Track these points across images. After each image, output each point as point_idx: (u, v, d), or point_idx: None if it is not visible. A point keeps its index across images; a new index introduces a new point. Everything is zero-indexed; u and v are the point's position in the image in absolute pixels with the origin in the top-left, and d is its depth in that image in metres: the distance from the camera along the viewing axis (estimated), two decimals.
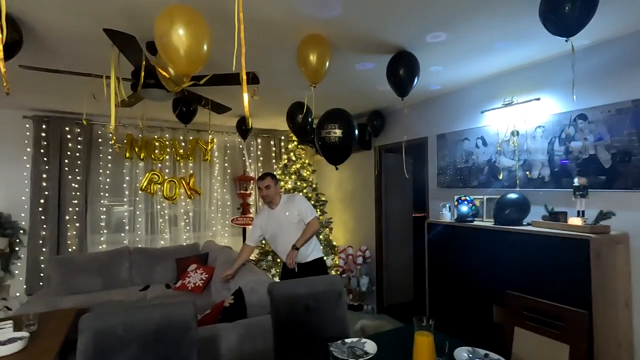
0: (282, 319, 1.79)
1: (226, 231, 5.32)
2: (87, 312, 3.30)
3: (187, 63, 1.36)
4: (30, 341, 2.27)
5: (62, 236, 4.23)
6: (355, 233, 5.10)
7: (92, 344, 1.29)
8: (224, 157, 5.31)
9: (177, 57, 1.34)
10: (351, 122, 2.79)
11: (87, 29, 2.03)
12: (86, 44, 2.24)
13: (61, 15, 1.88)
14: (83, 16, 1.88)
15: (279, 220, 2.96)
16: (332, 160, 2.77)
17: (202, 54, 1.39)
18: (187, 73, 1.40)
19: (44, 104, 3.93)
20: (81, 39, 2.17)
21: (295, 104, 3.28)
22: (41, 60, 2.46)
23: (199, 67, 1.42)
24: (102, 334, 1.33)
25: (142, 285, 4.11)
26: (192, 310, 1.50)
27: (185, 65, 1.37)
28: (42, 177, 4.18)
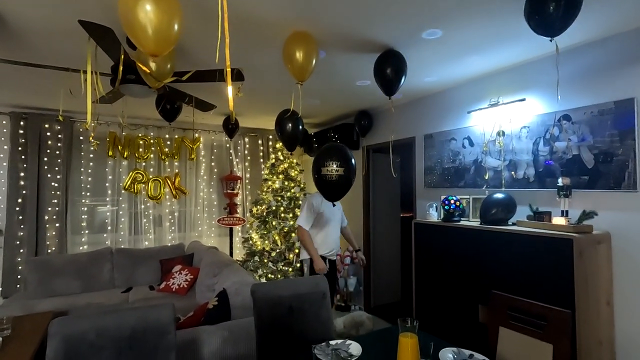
0: (265, 321, 1.75)
1: (212, 231, 5.24)
2: (64, 316, 3.21)
3: (155, 42, 1.29)
4: (3, 346, 2.18)
5: (41, 237, 4.10)
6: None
7: (63, 350, 1.23)
8: (210, 156, 5.22)
9: (145, 37, 1.26)
10: (350, 157, 2.71)
11: (63, 21, 1.95)
12: (62, 37, 2.16)
13: (35, 6, 1.80)
14: (58, 7, 1.80)
15: (333, 208, 3.22)
16: (331, 197, 2.70)
17: (172, 33, 1.31)
18: (155, 53, 1.32)
19: (22, 100, 3.80)
20: (57, 31, 2.08)
21: (284, 112, 3.08)
22: (15, 54, 2.36)
23: (169, 47, 1.35)
24: (73, 339, 1.26)
25: (125, 287, 4.01)
26: (170, 313, 1.44)
27: (154, 45, 1.29)
28: (19, 176, 4.03)
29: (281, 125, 2.71)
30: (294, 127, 2.71)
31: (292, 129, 2.66)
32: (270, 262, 4.42)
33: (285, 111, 2.69)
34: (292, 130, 2.65)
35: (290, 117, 2.56)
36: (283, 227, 4.56)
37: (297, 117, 2.63)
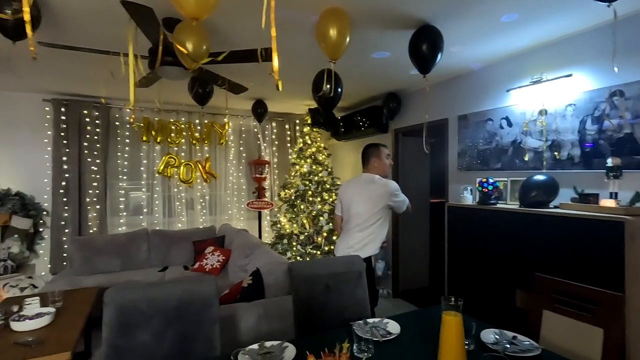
0: (302, 298, 1.77)
1: (242, 215, 5.35)
2: (117, 286, 3.39)
3: (196, 4, 1.29)
4: (56, 316, 2.33)
5: (83, 218, 4.33)
6: None
7: (117, 317, 1.30)
8: (239, 141, 5.30)
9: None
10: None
11: (104, 5, 1.99)
12: (103, 21, 2.21)
13: None
14: None
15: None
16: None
17: None
18: (196, 16, 1.32)
19: (62, 87, 3.96)
20: (98, 15, 2.13)
21: (321, 73, 2.81)
22: (58, 38, 2.44)
23: (209, 10, 1.34)
24: (126, 307, 1.33)
25: (160, 266, 4.18)
26: (214, 287, 1.48)
27: (195, 6, 1.29)
28: (62, 160, 4.25)
29: (318, 85, 2.59)
30: (333, 87, 2.57)
31: (330, 90, 2.55)
32: (299, 245, 4.48)
33: (322, 72, 2.60)
34: (330, 91, 2.54)
35: (329, 78, 2.47)
36: (311, 210, 4.59)
37: (336, 77, 2.52)
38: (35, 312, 2.32)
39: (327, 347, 1.31)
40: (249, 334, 2.22)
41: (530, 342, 1.43)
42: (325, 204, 4.64)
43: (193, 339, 1.40)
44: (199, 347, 1.41)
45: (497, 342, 1.44)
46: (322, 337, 1.59)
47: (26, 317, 2.23)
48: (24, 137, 4.14)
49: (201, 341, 1.42)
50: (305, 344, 1.43)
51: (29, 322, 2.17)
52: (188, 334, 1.40)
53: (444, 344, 1.26)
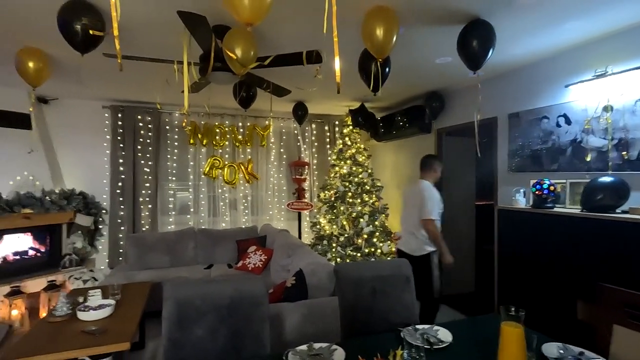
0: (349, 301, 1.76)
1: (282, 215, 5.44)
2: (175, 282, 3.56)
3: (250, 10, 1.33)
4: (116, 308, 2.50)
5: (137, 216, 4.62)
6: None
7: (176, 311, 1.36)
8: (279, 143, 5.39)
9: (241, 5, 1.31)
10: None
11: (160, 16, 2.11)
12: (158, 31, 2.35)
13: (136, 3, 1.97)
14: (153, 1, 1.95)
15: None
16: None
17: (266, 1, 1.35)
18: (250, 22, 1.36)
19: (119, 94, 4.26)
20: (154, 26, 2.27)
21: (365, 52, 2.68)
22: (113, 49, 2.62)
23: (263, 16, 1.38)
24: (183, 303, 1.39)
25: (206, 264, 4.35)
26: (263, 287, 1.51)
27: (250, 13, 1.34)
28: (119, 162, 4.56)
29: (365, 67, 2.51)
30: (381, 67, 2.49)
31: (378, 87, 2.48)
32: (339, 247, 4.47)
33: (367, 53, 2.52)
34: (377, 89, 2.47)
35: (376, 77, 2.40)
36: (351, 212, 4.56)
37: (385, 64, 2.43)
38: (98, 303, 2.51)
39: (375, 352, 1.29)
40: (293, 333, 2.24)
41: (600, 359, 1.31)
42: (365, 206, 4.60)
43: (244, 335, 1.44)
44: (249, 344, 1.44)
45: (561, 357, 1.34)
46: (369, 341, 1.57)
47: (90, 308, 2.42)
48: (86, 141, 4.49)
49: (251, 338, 1.45)
50: (353, 347, 1.41)
51: (93, 313, 2.35)
52: (239, 331, 1.43)
53: (504, 356, 1.19)
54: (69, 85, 3.80)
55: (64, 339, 2.10)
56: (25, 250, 3.89)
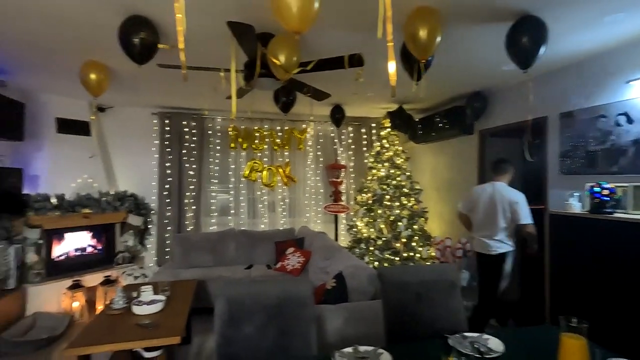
0: (393, 305, 1.74)
1: (319, 217, 5.48)
2: (225, 280, 3.67)
3: (299, 19, 1.38)
4: (166, 304, 2.64)
5: (183, 217, 4.85)
6: (453, 224, 4.77)
7: (227, 309, 1.42)
8: (316, 146, 5.45)
9: (289, 14, 1.37)
10: None
11: (208, 26, 2.22)
12: (206, 41, 2.46)
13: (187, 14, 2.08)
14: (203, 13, 2.05)
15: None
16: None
17: (313, 10, 1.39)
18: (299, 30, 1.41)
19: (166, 101, 4.52)
20: (202, 36, 2.39)
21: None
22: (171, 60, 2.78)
23: (310, 24, 1.42)
24: (234, 301, 1.45)
25: (246, 264, 4.47)
26: (309, 288, 1.54)
27: (298, 22, 1.38)
28: (166, 166, 4.83)
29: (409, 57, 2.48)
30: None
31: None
32: (377, 250, 4.42)
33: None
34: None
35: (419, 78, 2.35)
36: (389, 215, 4.51)
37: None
38: (150, 298, 2.66)
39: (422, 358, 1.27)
40: (335, 335, 2.25)
41: None
42: (403, 209, 4.52)
43: (291, 335, 1.47)
44: (296, 343, 1.47)
45: None
46: (415, 347, 1.54)
47: (144, 303, 2.57)
48: (137, 146, 4.80)
49: (299, 338, 1.48)
50: (399, 352, 1.40)
51: (146, 307, 2.50)
52: (287, 331, 1.47)
53: None
54: (123, 94, 4.09)
55: (121, 331, 2.25)
56: (84, 247, 4.22)
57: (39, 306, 3.55)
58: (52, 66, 3.10)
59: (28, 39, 2.50)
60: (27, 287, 3.53)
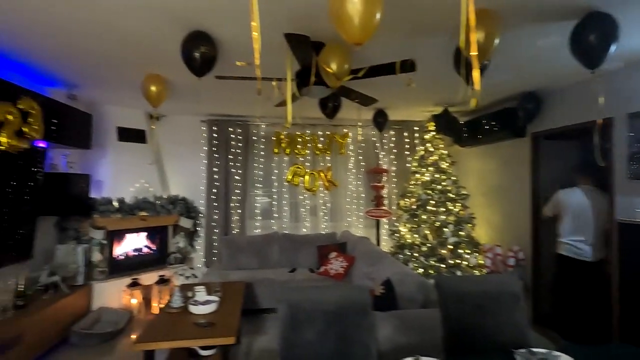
0: (451, 315, 1.69)
1: (360, 222, 5.46)
2: (251, 286, 3.77)
3: (360, 31, 1.40)
4: (219, 304, 2.75)
5: (229, 220, 5.03)
6: (502, 231, 4.56)
7: (289, 314, 1.46)
8: (358, 150, 5.44)
9: (351, 26, 1.39)
10: None
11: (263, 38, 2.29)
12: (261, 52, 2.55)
13: (241, 28, 2.17)
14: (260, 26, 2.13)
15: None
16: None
17: (374, 22, 1.41)
18: (359, 42, 1.43)
19: (214, 109, 4.72)
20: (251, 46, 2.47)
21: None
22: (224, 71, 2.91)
23: (370, 35, 1.44)
24: (294, 306, 1.48)
25: (289, 267, 4.55)
26: (368, 296, 1.54)
27: (359, 33, 1.41)
28: (213, 171, 5.03)
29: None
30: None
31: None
32: (422, 257, 4.32)
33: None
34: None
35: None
36: (434, 221, 4.39)
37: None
38: (204, 299, 2.79)
39: None
40: (386, 343, 2.22)
41: None
42: (449, 215, 4.39)
43: (352, 342, 1.48)
44: (357, 351, 1.48)
45: None
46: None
47: (199, 303, 2.70)
48: (187, 152, 5.05)
49: (360, 346, 1.48)
50: None
51: (202, 307, 2.62)
52: (347, 338, 1.48)
53: None
54: (175, 104, 4.33)
55: (180, 329, 2.37)
56: (141, 247, 4.51)
57: (103, 302, 3.84)
58: (116, 80, 3.35)
59: (97, 56, 2.73)
60: (93, 283, 3.83)
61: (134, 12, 2.02)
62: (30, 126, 2.73)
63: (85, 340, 3.28)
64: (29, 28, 2.25)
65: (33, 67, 3.00)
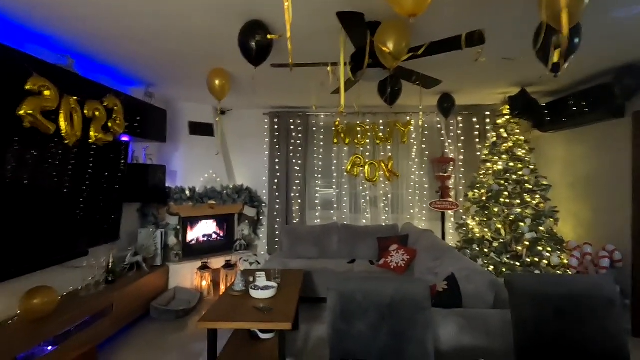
0: (526, 319, 1.49)
1: (424, 215, 5.18)
2: (310, 275, 3.82)
3: (414, 1, 1.26)
4: (278, 290, 2.81)
5: (289, 210, 5.15)
6: (593, 228, 3.97)
7: (339, 303, 1.41)
8: (421, 139, 5.15)
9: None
10: None
11: (316, 22, 2.25)
12: (311, 37, 2.51)
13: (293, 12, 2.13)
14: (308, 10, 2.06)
15: None
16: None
17: None
18: (414, 13, 1.30)
19: (275, 101, 4.83)
20: (311, 33, 2.44)
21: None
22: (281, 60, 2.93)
23: (426, 6, 1.29)
24: (346, 296, 1.42)
25: (348, 258, 4.50)
26: (426, 290, 1.42)
27: (413, 3, 1.27)
28: (275, 162, 5.18)
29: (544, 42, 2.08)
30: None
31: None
32: (493, 253, 3.95)
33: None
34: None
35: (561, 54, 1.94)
36: (508, 214, 3.98)
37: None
38: (264, 284, 2.87)
39: None
40: (449, 343, 2.06)
41: None
42: (526, 208, 3.94)
43: (406, 339, 1.38)
44: (412, 348, 1.37)
45: None
46: None
47: (259, 288, 2.79)
48: (251, 144, 5.27)
49: (414, 343, 1.37)
50: None
51: (262, 292, 2.70)
52: (401, 333, 1.38)
53: None
54: (240, 98, 4.52)
55: (241, 311, 2.47)
56: (210, 233, 4.83)
57: (178, 282, 4.20)
58: (186, 77, 3.59)
59: (168, 54, 2.94)
60: (169, 265, 4.20)
61: (197, 10, 2.11)
62: (114, 121, 3.05)
63: (163, 315, 3.61)
64: (112, 33, 2.49)
65: (116, 69, 3.34)
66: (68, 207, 2.82)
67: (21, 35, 2.51)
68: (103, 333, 2.97)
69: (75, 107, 2.59)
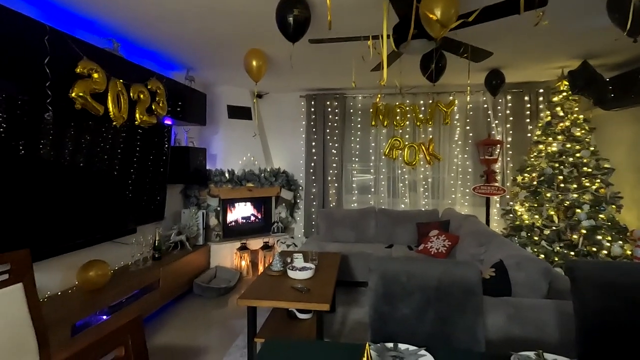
0: (590, 310, 1.34)
1: (466, 200, 4.94)
2: (347, 259, 3.77)
3: None
4: (315, 272, 2.80)
5: (326, 193, 5.12)
6: None
7: (381, 284, 1.35)
8: (465, 120, 4.86)
9: None
10: None
11: None
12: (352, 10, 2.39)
13: None
14: None
15: None
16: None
17: None
18: None
19: (312, 83, 4.74)
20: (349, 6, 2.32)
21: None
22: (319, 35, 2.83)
23: None
24: (389, 277, 1.36)
25: (386, 243, 4.41)
26: (477, 274, 1.32)
27: None
28: (312, 145, 5.14)
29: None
30: None
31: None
32: (544, 241, 3.68)
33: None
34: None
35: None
36: (563, 200, 3.67)
37: None
38: (301, 265, 2.88)
39: None
40: (497, 332, 1.94)
41: None
42: (585, 193, 3.61)
43: (454, 324, 1.29)
44: (461, 335, 1.29)
45: None
46: None
47: (296, 268, 2.79)
48: (288, 128, 5.26)
49: (463, 330, 1.29)
50: None
51: (299, 273, 2.70)
52: (449, 318, 1.30)
53: None
54: (277, 81, 4.48)
55: (279, 291, 2.49)
56: (248, 215, 4.93)
57: (218, 261, 4.35)
58: (224, 59, 3.60)
59: (207, 36, 2.94)
60: (210, 244, 4.35)
61: None
62: (158, 104, 3.14)
63: (205, 292, 3.76)
64: (154, 15, 2.53)
65: (158, 52, 3.42)
66: (119, 187, 2.97)
67: (70, 20, 2.62)
68: (151, 306, 3.14)
69: (122, 89, 2.68)
